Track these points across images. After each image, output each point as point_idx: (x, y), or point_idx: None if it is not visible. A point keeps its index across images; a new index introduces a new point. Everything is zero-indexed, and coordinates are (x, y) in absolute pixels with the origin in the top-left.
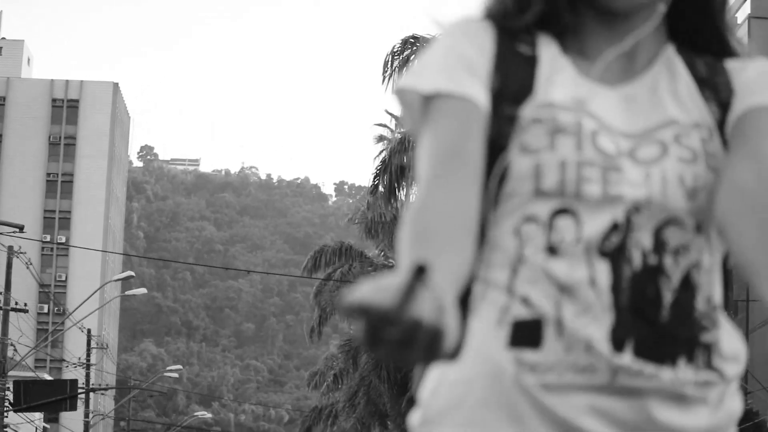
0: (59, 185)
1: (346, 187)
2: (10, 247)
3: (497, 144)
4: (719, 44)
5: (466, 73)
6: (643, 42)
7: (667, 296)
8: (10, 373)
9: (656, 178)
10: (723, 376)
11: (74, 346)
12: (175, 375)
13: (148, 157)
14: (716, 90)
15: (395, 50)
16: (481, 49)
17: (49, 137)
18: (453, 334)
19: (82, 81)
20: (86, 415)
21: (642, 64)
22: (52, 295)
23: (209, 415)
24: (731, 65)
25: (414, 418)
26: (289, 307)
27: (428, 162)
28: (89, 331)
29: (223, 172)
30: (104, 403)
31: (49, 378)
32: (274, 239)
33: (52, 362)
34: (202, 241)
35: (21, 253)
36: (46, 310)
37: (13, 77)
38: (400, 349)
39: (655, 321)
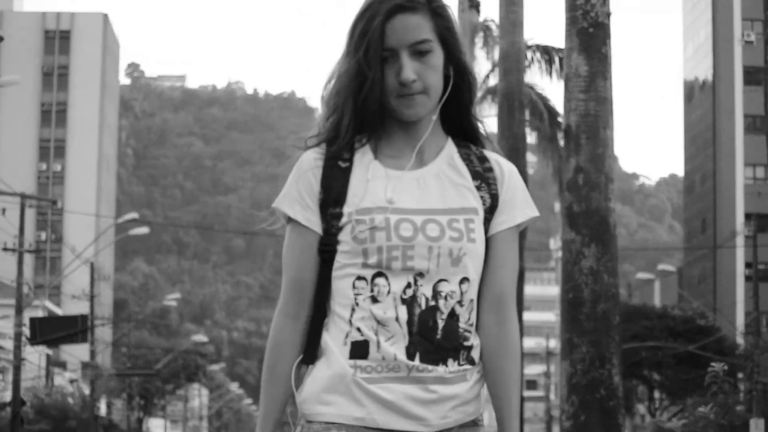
0: (53, 115)
1: None
2: (23, 195)
3: (329, 232)
4: (472, 131)
5: (304, 204)
6: (427, 140)
7: (440, 324)
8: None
9: (435, 253)
10: (475, 363)
11: (73, 273)
12: (173, 303)
13: (135, 74)
14: (488, 183)
15: None
16: (315, 178)
17: (43, 68)
18: None
19: (72, 13)
20: (91, 343)
21: (429, 156)
22: (50, 223)
23: (206, 339)
24: (492, 160)
25: (298, 397)
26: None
27: (282, 287)
28: (92, 265)
29: (209, 88)
30: (103, 329)
31: (55, 308)
32: (262, 153)
33: (52, 289)
34: (191, 157)
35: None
36: (43, 238)
37: (6, 10)
38: None
39: (433, 340)
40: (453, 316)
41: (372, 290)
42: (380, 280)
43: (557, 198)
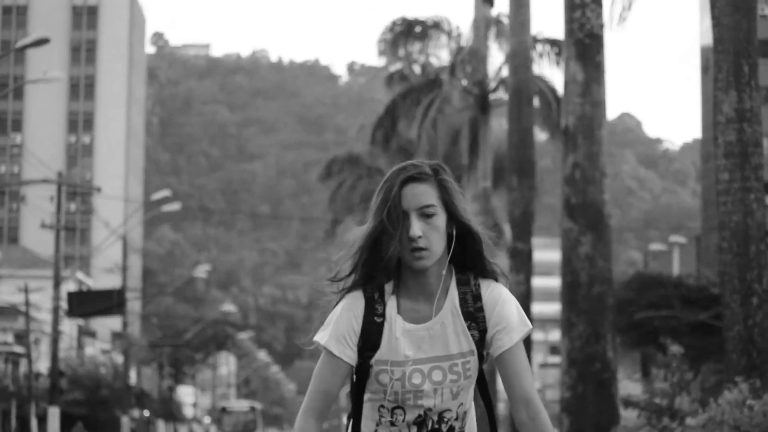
0: (81, 89)
1: (356, 67)
2: (59, 174)
3: (362, 365)
4: (484, 273)
5: (344, 342)
6: (437, 286)
7: None
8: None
9: (438, 392)
10: None
11: (102, 240)
12: (204, 275)
13: (159, 43)
14: (476, 321)
15: None
16: (355, 321)
17: (71, 43)
18: None
19: None
20: (123, 315)
21: (439, 305)
22: (80, 195)
23: (234, 309)
24: (486, 296)
25: None
26: (303, 189)
27: (309, 391)
28: (124, 240)
29: (234, 56)
30: (133, 300)
31: (85, 278)
32: (287, 121)
33: (81, 260)
34: (216, 124)
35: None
36: (72, 210)
37: None
38: None
39: None
40: (451, 428)
41: (392, 417)
42: (398, 411)
43: None
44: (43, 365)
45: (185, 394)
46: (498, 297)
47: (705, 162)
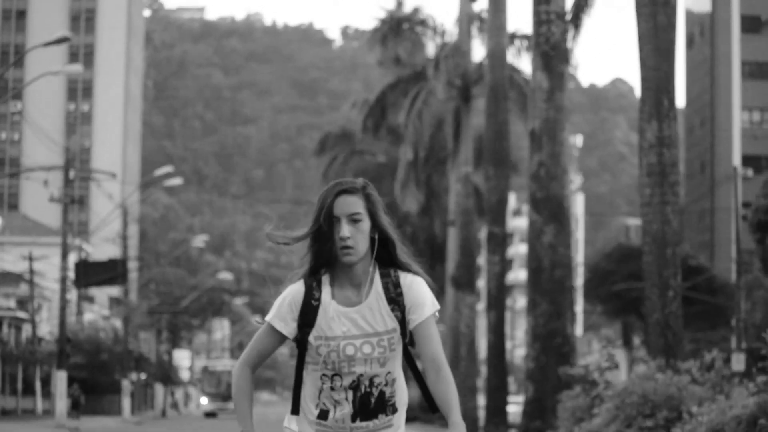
0: (81, 57)
1: (350, 31)
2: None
3: (302, 340)
4: (402, 268)
5: (286, 320)
6: (363, 278)
7: (373, 400)
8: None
9: (369, 363)
10: (398, 413)
11: (101, 207)
12: (201, 245)
13: (154, 6)
14: (398, 304)
15: None
16: (295, 306)
17: (70, 12)
18: None
19: None
20: (126, 284)
21: (366, 291)
22: (78, 161)
23: (230, 277)
24: (404, 283)
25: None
26: (297, 153)
27: (248, 347)
28: (125, 209)
29: (228, 20)
30: (132, 266)
31: (84, 245)
32: (281, 84)
33: (80, 225)
34: (211, 88)
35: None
36: (71, 176)
37: None
38: None
39: (368, 408)
40: (382, 393)
41: (332, 383)
42: (336, 378)
43: None
44: (44, 330)
45: (181, 357)
46: (412, 283)
47: (689, 134)
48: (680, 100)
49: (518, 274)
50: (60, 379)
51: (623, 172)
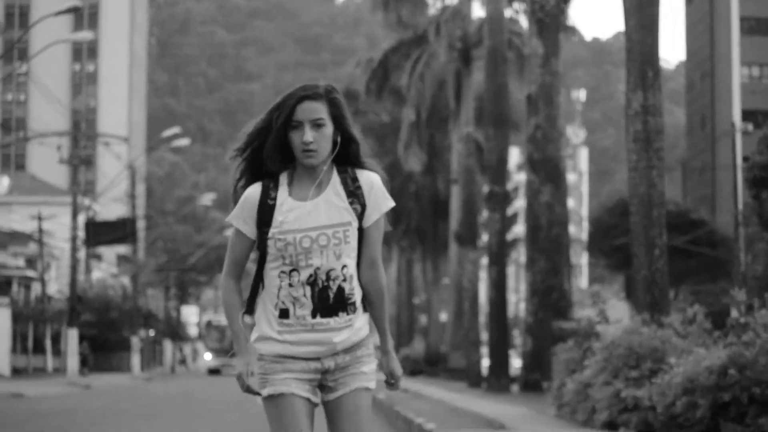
0: (86, 18)
1: None
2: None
3: (261, 240)
4: (360, 166)
5: (245, 220)
6: (323, 177)
7: (331, 295)
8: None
9: (325, 255)
10: (358, 313)
11: (107, 166)
12: (209, 203)
13: None
14: (358, 197)
15: None
16: (251, 205)
17: None
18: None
19: None
20: (135, 243)
21: (323, 188)
22: (84, 121)
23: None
24: (362, 179)
25: (251, 340)
26: None
27: (226, 258)
28: (132, 169)
29: None
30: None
31: (91, 203)
32: (284, 41)
33: (87, 184)
34: (214, 45)
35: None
36: (81, 141)
37: None
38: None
39: (327, 305)
40: (340, 288)
41: (290, 279)
42: (294, 273)
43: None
44: (53, 288)
45: (189, 314)
46: (373, 182)
47: (689, 89)
48: (680, 55)
49: (522, 229)
50: (71, 337)
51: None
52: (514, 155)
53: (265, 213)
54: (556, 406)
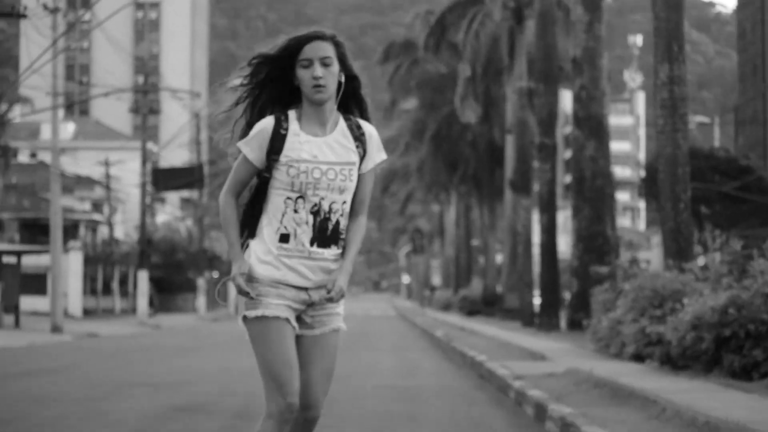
0: None
1: None
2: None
3: (269, 167)
4: (365, 115)
5: (255, 148)
6: (329, 117)
7: (330, 227)
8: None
9: (330, 188)
10: (341, 251)
11: (170, 110)
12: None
13: None
14: (362, 143)
15: None
16: (266, 134)
17: None
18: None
19: None
20: (202, 189)
21: (330, 129)
22: (147, 68)
23: None
24: (365, 128)
25: (247, 263)
26: (360, 52)
27: (229, 177)
28: (198, 116)
29: None
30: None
31: (154, 148)
32: None
33: (150, 129)
34: None
35: None
36: (140, 81)
37: None
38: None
39: (325, 235)
40: (337, 222)
41: (295, 206)
42: (300, 201)
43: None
44: (119, 231)
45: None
46: (372, 133)
47: (741, 37)
48: (731, 3)
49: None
50: (141, 278)
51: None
52: (568, 108)
53: (277, 141)
54: (594, 342)
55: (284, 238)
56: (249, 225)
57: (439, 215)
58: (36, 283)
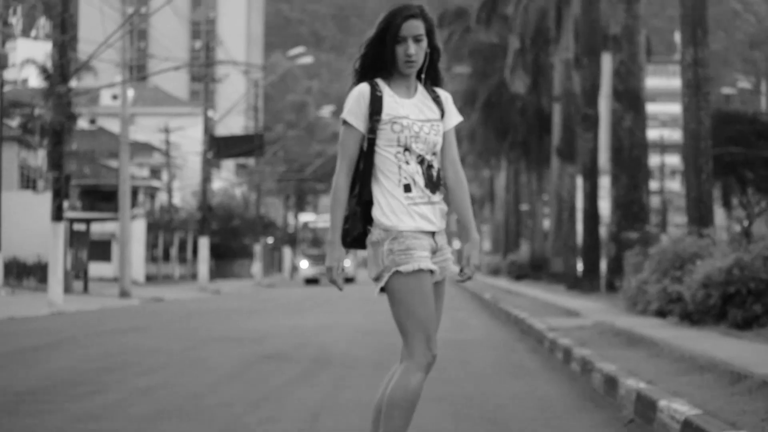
0: None
1: None
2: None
3: (373, 128)
4: (438, 83)
5: (357, 113)
6: (413, 84)
7: (434, 174)
8: None
9: (427, 141)
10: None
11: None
12: (328, 115)
13: None
14: (439, 105)
15: None
16: (364, 99)
17: None
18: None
19: None
20: (262, 156)
21: (414, 93)
22: (204, 34)
23: None
24: (440, 92)
25: (382, 218)
26: None
27: (339, 158)
28: (256, 83)
29: None
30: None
31: (212, 114)
32: None
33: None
34: None
35: None
36: (197, 47)
37: None
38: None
39: (432, 181)
40: (438, 169)
41: (406, 158)
42: (407, 153)
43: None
44: (176, 198)
45: (305, 218)
46: (447, 96)
47: None
48: None
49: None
50: (202, 245)
51: (737, 29)
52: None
53: (375, 102)
54: (625, 300)
55: (407, 188)
56: (363, 188)
57: (490, 180)
58: (100, 250)
